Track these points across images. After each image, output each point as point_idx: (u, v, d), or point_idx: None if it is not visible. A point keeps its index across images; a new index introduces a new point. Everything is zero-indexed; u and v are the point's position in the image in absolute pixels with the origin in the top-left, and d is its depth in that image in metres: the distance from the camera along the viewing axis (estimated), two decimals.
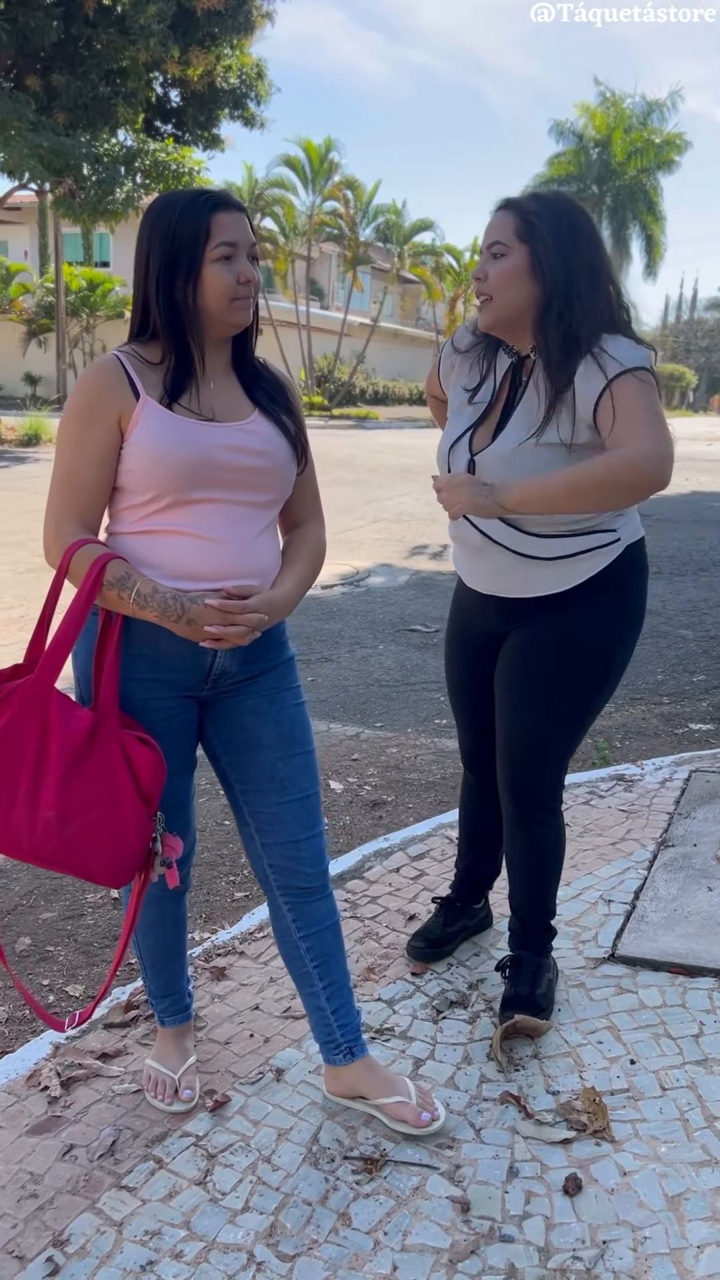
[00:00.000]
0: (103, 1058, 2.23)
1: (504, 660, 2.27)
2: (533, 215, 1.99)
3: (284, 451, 1.88)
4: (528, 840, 2.31)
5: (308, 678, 5.21)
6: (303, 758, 1.97)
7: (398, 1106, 1.98)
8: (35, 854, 1.72)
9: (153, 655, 1.82)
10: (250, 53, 19.26)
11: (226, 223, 1.73)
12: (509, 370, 2.16)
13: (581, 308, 1.97)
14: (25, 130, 15.76)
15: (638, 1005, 2.35)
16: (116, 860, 1.75)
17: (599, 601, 2.14)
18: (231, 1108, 2.06)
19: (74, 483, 1.76)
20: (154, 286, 1.75)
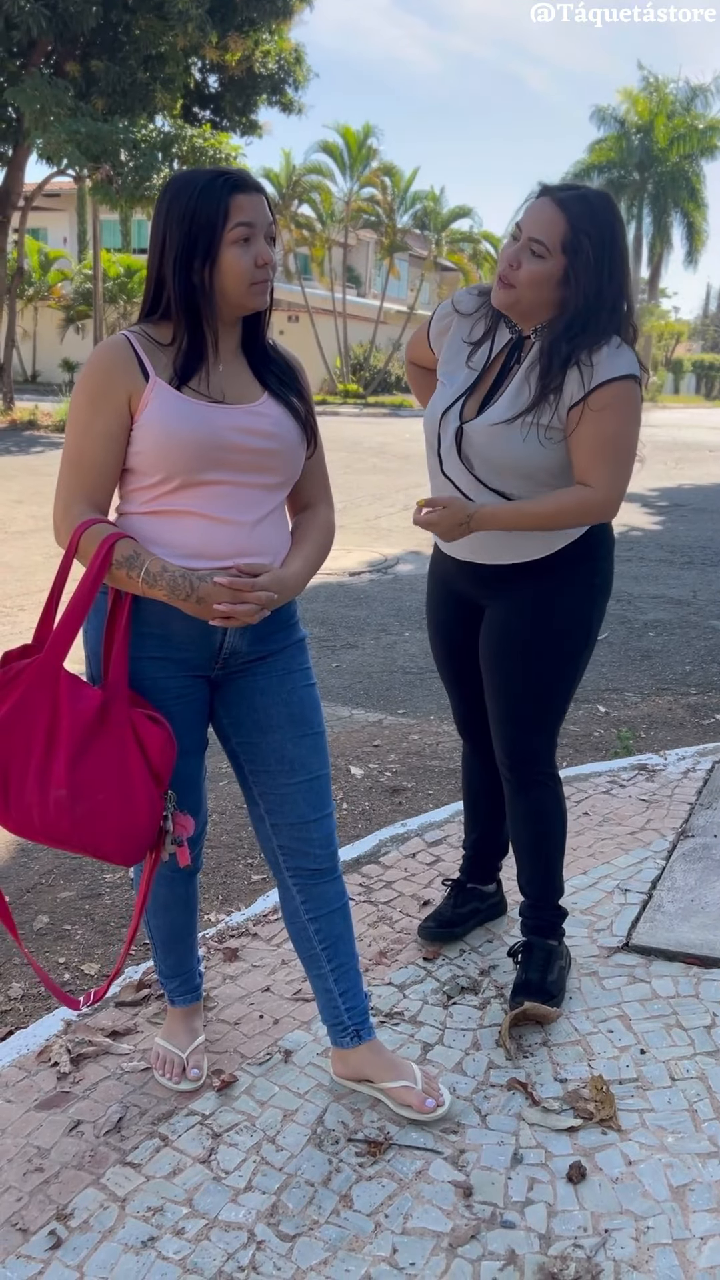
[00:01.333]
0: (113, 1035, 2.24)
1: (485, 635, 2.32)
2: (582, 232, 2.00)
3: (294, 434, 1.87)
4: (528, 808, 2.36)
5: (331, 663, 5.20)
6: (313, 739, 1.97)
7: (403, 1091, 1.99)
8: (47, 833, 1.73)
9: (163, 634, 1.82)
10: (289, 38, 19.19)
11: (245, 204, 1.72)
12: (507, 345, 2.19)
13: (598, 330, 2.04)
14: (64, 116, 15.82)
15: (650, 995, 2.33)
16: (128, 838, 1.75)
17: (573, 569, 2.23)
18: (238, 1088, 2.07)
19: (82, 463, 1.77)
20: (170, 267, 1.74)
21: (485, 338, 2.22)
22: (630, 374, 2.04)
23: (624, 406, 2.05)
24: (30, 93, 15.84)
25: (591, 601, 2.26)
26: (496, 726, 2.33)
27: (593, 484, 2.07)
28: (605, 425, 2.05)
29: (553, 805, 2.37)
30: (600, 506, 2.08)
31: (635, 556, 8.24)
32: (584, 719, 4.48)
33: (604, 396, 2.03)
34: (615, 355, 2.05)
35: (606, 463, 2.06)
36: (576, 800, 3.38)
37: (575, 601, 2.24)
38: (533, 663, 2.25)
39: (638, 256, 37.33)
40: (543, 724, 2.31)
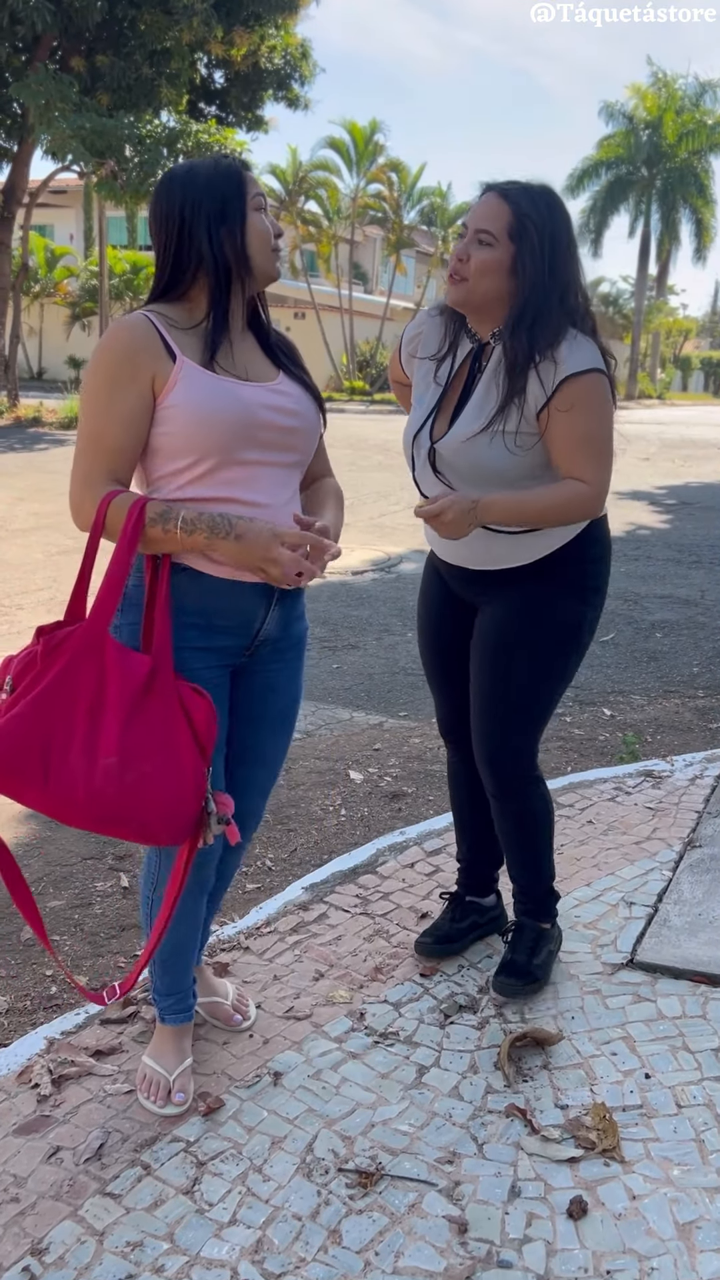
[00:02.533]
0: (96, 1055, 2.16)
1: (479, 634, 2.30)
2: (526, 218, 2.01)
3: (313, 412, 1.91)
4: (512, 810, 2.35)
5: (333, 664, 5.12)
6: (286, 736, 2.08)
7: (213, 1006, 2.22)
8: (90, 806, 1.65)
9: (205, 624, 1.82)
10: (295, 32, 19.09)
11: (253, 180, 1.80)
12: (469, 355, 2.19)
13: (550, 318, 2.02)
14: (68, 112, 15.73)
15: (656, 1015, 2.24)
16: (174, 812, 1.70)
17: (566, 573, 2.21)
18: (225, 1112, 1.98)
19: (105, 446, 1.74)
20: (204, 237, 1.74)
21: (448, 353, 2.22)
22: (592, 367, 2.03)
23: (592, 402, 2.04)
24: (35, 88, 15.75)
25: (584, 603, 2.24)
26: (479, 726, 2.31)
27: (583, 478, 2.07)
28: (577, 424, 2.05)
29: (537, 805, 2.36)
30: (593, 500, 2.08)
31: (642, 555, 8.13)
32: (589, 722, 4.38)
33: (569, 395, 2.02)
34: (574, 350, 2.03)
35: (589, 458, 2.06)
36: (580, 808, 3.29)
37: (567, 603, 2.22)
38: (521, 664, 2.23)
39: (646, 253, 37.18)
40: (526, 726, 2.29)
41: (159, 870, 1.94)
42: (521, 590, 2.22)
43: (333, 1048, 2.16)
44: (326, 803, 3.56)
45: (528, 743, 2.31)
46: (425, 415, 2.22)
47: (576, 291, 2.09)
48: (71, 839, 3.27)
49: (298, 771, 3.82)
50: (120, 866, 3.11)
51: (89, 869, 3.12)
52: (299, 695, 2.09)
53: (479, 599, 2.31)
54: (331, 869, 2.92)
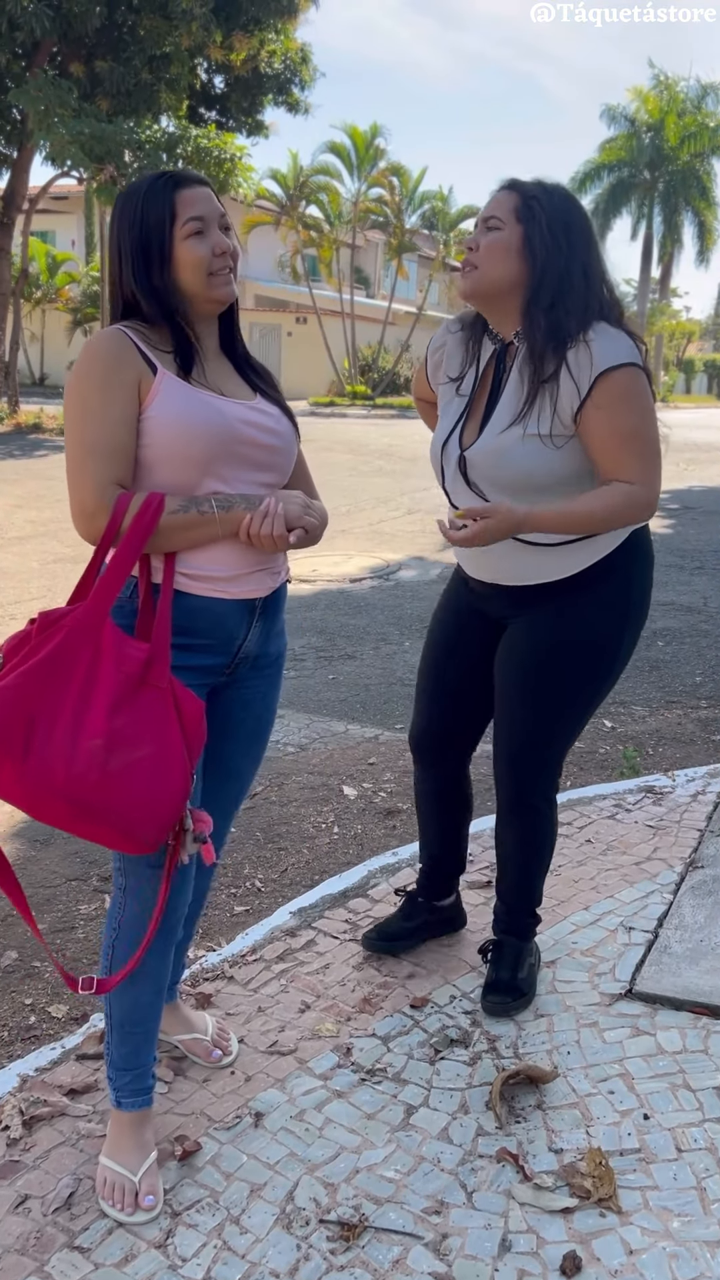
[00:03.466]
0: (70, 1094, 2.07)
1: (508, 649, 2.21)
2: (533, 200, 1.97)
3: (290, 432, 1.88)
4: (523, 831, 2.30)
5: (328, 675, 5.02)
6: (258, 752, 2.03)
7: (193, 1043, 2.13)
8: (70, 790, 1.56)
9: (185, 644, 1.75)
10: (295, 37, 19.04)
11: (191, 199, 1.71)
12: (492, 357, 2.11)
13: (573, 299, 1.94)
14: (68, 117, 15.68)
15: (655, 1050, 2.14)
16: (158, 809, 1.61)
17: (602, 589, 2.10)
18: (202, 1156, 1.89)
19: (111, 450, 1.68)
20: (132, 276, 1.74)
21: (471, 362, 2.14)
22: (629, 361, 1.93)
23: (632, 397, 1.93)
24: (34, 93, 15.71)
25: (623, 619, 2.14)
26: (504, 743, 2.24)
27: (631, 479, 1.95)
28: (618, 421, 1.93)
29: (546, 828, 2.31)
30: (646, 500, 1.96)
31: None
32: (589, 734, 4.28)
33: (609, 390, 1.92)
34: (607, 343, 1.93)
35: (636, 456, 1.95)
36: (579, 826, 3.19)
37: (608, 616, 2.13)
38: (553, 681, 2.15)
39: (648, 256, 37.09)
40: (554, 743, 2.22)
41: (124, 909, 1.84)
42: (557, 604, 2.12)
43: (317, 1085, 2.07)
44: (319, 820, 3.47)
45: (553, 759, 2.25)
46: (453, 423, 2.14)
47: (599, 277, 2.00)
48: (56, 859, 3.18)
49: (290, 787, 3.73)
50: (105, 888, 3.01)
51: (73, 891, 3.03)
52: (273, 711, 2.03)
53: (508, 615, 2.22)
54: (321, 892, 2.83)
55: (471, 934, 2.60)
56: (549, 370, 1.95)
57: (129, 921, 1.84)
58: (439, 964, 2.48)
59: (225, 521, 1.72)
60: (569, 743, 2.24)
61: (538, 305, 1.96)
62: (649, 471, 1.96)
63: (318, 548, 8.19)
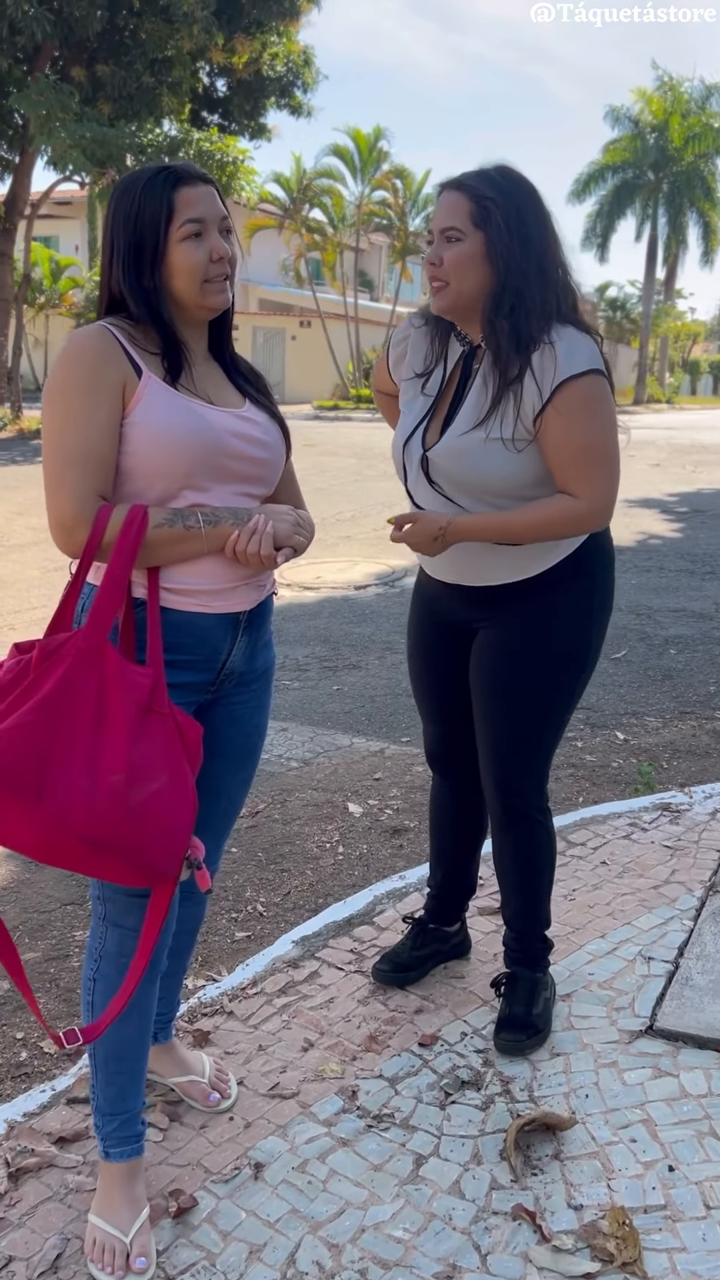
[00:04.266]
0: (60, 1142, 1.95)
1: (478, 660, 2.17)
2: (488, 201, 1.90)
3: (280, 442, 1.79)
4: (517, 843, 2.24)
5: (333, 686, 4.91)
6: (249, 771, 1.94)
7: (189, 1086, 2.03)
8: (90, 830, 1.46)
9: (167, 660, 1.64)
10: (297, 39, 18.97)
11: (192, 198, 1.61)
12: (460, 359, 2.05)
13: (531, 299, 1.90)
14: (69, 121, 15.62)
15: (678, 1093, 2.02)
16: (173, 837, 1.53)
17: (569, 588, 2.09)
18: (198, 1213, 1.77)
19: (92, 459, 1.57)
20: (122, 274, 1.63)
21: (437, 361, 2.08)
22: (591, 368, 1.88)
23: (592, 405, 1.90)
24: (35, 98, 15.67)
25: (590, 620, 2.12)
26: (486, 756, 2.19)
27: (576, 493, 1.95)
28: (575, 431, 1.90)
29: (543, 840, 2.25)
30: (587, 516, 1.96)
31: (654, 566, 7.91)
32: (601, 747, 4.17)
33: (568, 399, 1.88)
34: (571, 349, 1.89)
35: (586, 470, 1.93)
36: (594, 847, 3.07)
37: (573, 620, 2.10)
38: (527, 687, 2.11)
39: (653, 257, 36.95)
40: (536, 752, 2.18)
41: (104, 940, 1.73)
42: (523, 609, 2.09)
43: (321, 1133, 1.95)
44: (323, 839, 3.36)
45: (538, 769, 2.20)
46: (415, 422, 2.08)
47: (554, 261, 1.95)
48: (51, 882, 3.07)
49: (293, 804, 3.61)
50: None
51: (68, 916, 2.92)
52: (263, 729, 1.93)
53: (476, 620, 2.17)
54: (325, 919, 2.71)
55: (483, 964, 2.49)
56: (513, 373, 1.92)
57: (110, 953, 1.73)
58: (448, 997, 2.36)
59: (212, 537, 1.63)
60: (552, 748, 2.20)
61: (499, 312, 1.92)
62: (598, 486, 1.94)
63: (322, 554, 8.09)
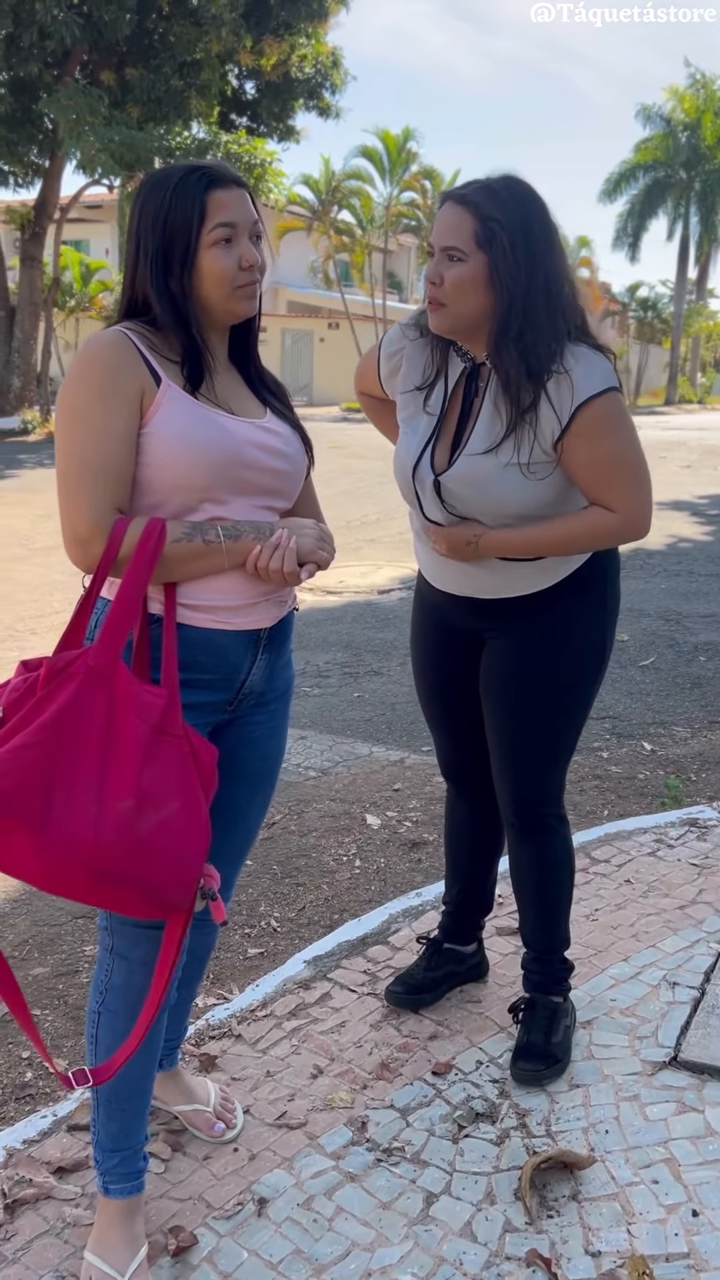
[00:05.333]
0: (58, 1172, 1.89)
1: (489, 672, 2.12)
2: (493, 222, 1.82)
3: (301, 454, 1.74)
4: (533, 854, 2.18)
5: (354, 693, 4.83)
6: (265, 795, 1.87)
7: (193, 1115, 1.96)
8: (98, 861, 1.39)
9: (183, 678, 1.57)
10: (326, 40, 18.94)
11: (224, 201, 1.54)
12: (462, 376, 1.99)
13: (539, 323, 1.84)
14: (98, 125, 15.67)
15: (704, 1130, 1.92)
16: (185, 867, 1.46)
17: (581, 597, 2.05)
18: (198, 1252, 1.70)
19: (108, 470, 1.51)
20: (149, 276, 1.57)
21: (437, 376, 2.01)
22: (608, 387, 1.85)
23: (613, 422, 1.87)
24: (64, 102, 15.73)
25: (603, 627, 2.09)
26: (501, 767, 2.14)
27: (611, 506, 1.91)
28: (601, 448, 1.86)
29: (561, 851, 2.19)
30: (623, 529, 1.93)
31: (684, 570, 7.77)
32: (628, 758, 4.06)
33: (589, 419, 1.84)
34: (589, 371, 1.84)
35: (617, 484, 1.90)
36: (618, 864, 2.98)
37: (586, 628, 2.07)
38: (541, 697, 2.07)
39: (685, 257, 36.61)
40: (553, 762, 2.14)
41: (111, 973, 1.66)
42: (536, 617, 2.05)
43: (328, 1166, 1.88)
44: (340, 852, 3.28)
45: (554, 778, 2.15)
46: (422, 445, 2.00)
47: (562, 281, 1.89)
48: None
49: (310, 816, 3.54)
50: None
51: (79, 930, 2.86)
52: (281, 751, 1.86)
53: (486, 630, 2.11)
54: (338, 939, 2.63)
55: (501, 987, 2.40)
56: (527, 401, 1.86)
57: (116, 987, 1.66)
58: (464, 1023, 2.28)
59: (232, 552, 1.57)
60: (568, 756, 2.15)
61: (506, 335, 1.85)
62: (632, 498, 1.91)
63: (346, 558, 8.01)
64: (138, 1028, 1.56)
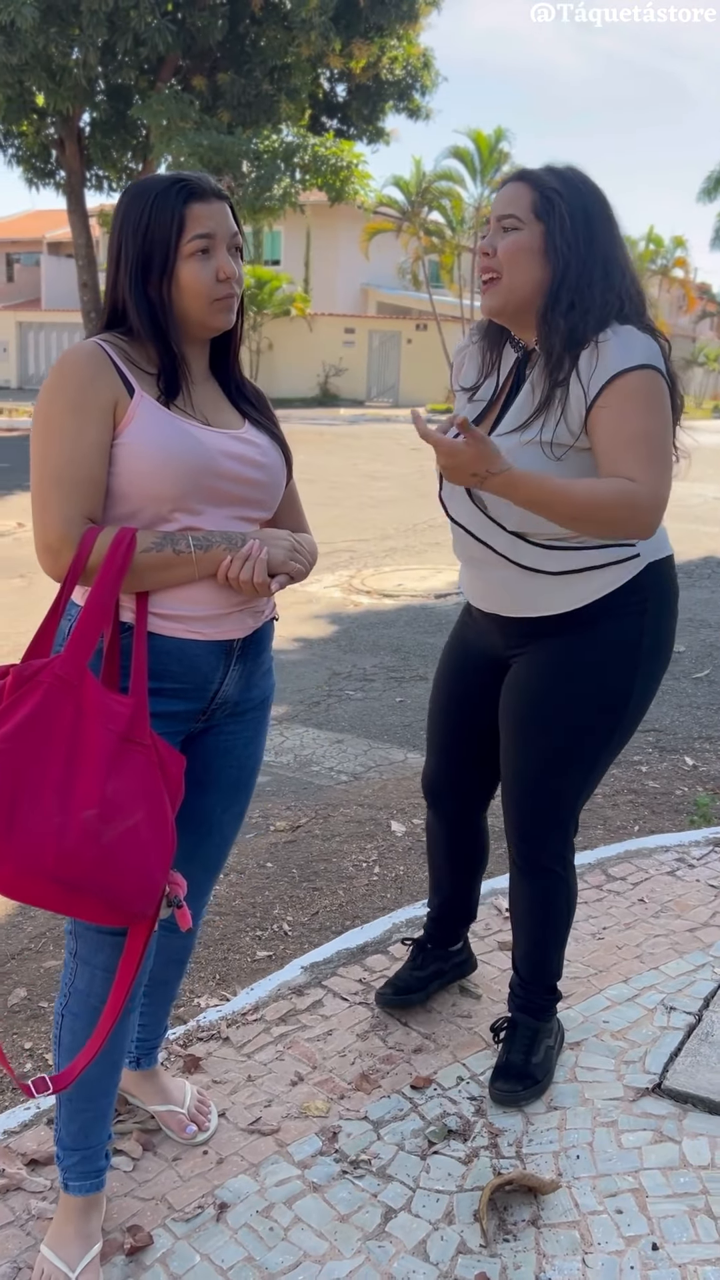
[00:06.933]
0: (31, 1164, 1.93)
1: (508, 695, 2.05)
2: (552, 192, 1.79)
3: (279, 464, 1.73)
4: (534, 896, 2.12)
5: (395, 698, 4.82)
6: (242, 805, 1.87)
7: (167, 1116, 1.99)
8: (61, 870, 1.42)
9: (154, 689, 1.60)
10: (417, 42, 18.93)
11: (202, 213, 1.57)
12: (514, 365, 1.93)
13: (591, 299, 1.78)
14: (189, 130, 15.93)
15: (678, 1162, 1.87)
16: (149, 876, 1.48)
17: (614, 624, 1.92)
18: (152, 1253, 1.72)
19: (79, 480, 1.53)
20: (128, 285, 1.60)
21: (490, 372, 1.97)
22: (646, 364, 1.74)
23: (648, 398, 1.74)
24: (156, 108, 16.03)
25: (633, 665, 1.94)
26: (509, 799, 2.08)
27: (633, 475, 1.73)
28: (628, 421, 1.74)
29: (562, 894, 2.12)
30: (645, 501, 1.72)
31: None
32: (667, 773, 3.97)
33: (621, 390, 1.74)
34: (623, 345, 1.76)
35: (641, 457, 1.74)
36: (634, 882, 2.91)
37: (610, 661, 1.93)
38: (554, 731, 1.97)
39: None
40: (559, 802, 2.03)
41: (75, 976, 1.69)
42: (560, 644, 1.96)
43: (293, 1175, 1.88)
44: (361, 858, 3.28)
45: (562, 819, 2.06)
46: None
47: (622, 269, 1.83)
48: None
49: (336, 820, 3.54)
50: None
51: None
52: (258, 761, 1.87)
53: (511, 654, 2.05)
54: (337, 946, 2.63)
55: (494, 1003, 2.37)
56: (561, 374, 1.80)
57: (79, 991, 1.69)
58: (451, 1037, 2.26)
59: (203, 562, 1.58)
60: (580, 800, 2.05)
61: (556, 310, 1.80)
62: (656, 474, 1.74)
63: (408, 560, 8.00)
64: (96, 1034, 1.58)
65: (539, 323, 1.83)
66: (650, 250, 30.45)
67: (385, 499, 11.29)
